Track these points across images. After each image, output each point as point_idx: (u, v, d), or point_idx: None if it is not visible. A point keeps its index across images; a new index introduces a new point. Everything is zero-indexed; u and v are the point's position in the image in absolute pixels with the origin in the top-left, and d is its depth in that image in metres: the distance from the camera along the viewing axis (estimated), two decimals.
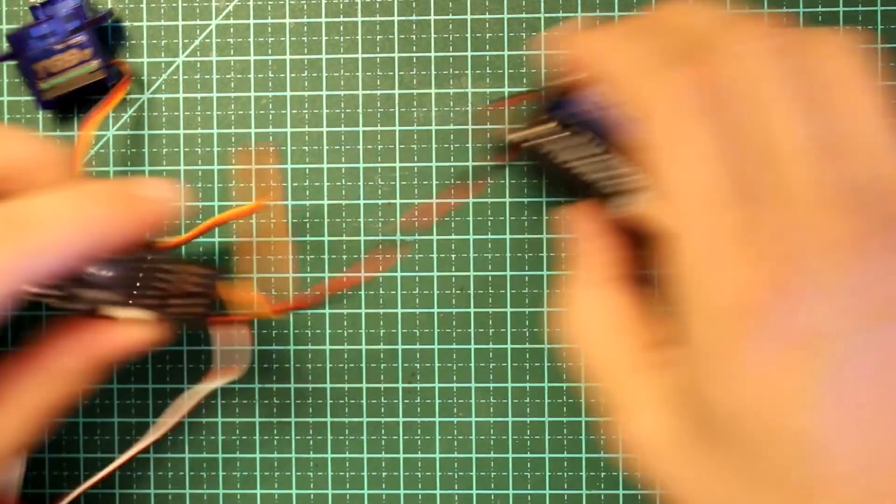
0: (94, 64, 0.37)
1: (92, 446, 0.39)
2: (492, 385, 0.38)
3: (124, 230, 0.31)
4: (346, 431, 0.39)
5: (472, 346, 0.38)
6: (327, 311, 0.38)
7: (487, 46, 0.39)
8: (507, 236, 0.39)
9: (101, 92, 0.38)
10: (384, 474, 0.38)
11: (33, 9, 0.38)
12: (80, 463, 0.39)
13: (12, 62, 0.38)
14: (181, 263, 0.33)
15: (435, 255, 0.39)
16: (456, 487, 0.38)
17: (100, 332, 0.32)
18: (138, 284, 0.32)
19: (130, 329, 0.32)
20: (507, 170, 0.39)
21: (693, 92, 0.25)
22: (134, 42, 0.39)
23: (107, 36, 0.39)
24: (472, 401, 0.38)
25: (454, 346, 0.38)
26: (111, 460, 0.38)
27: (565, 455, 0.38)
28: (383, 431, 0.38)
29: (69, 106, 0.39)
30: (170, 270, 0.32)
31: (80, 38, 0.37)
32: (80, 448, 0.39)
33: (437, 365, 0.38)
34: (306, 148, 0.39)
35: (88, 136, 0.37)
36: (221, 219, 0.36)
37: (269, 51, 0.39)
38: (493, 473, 0.38)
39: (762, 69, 0.25)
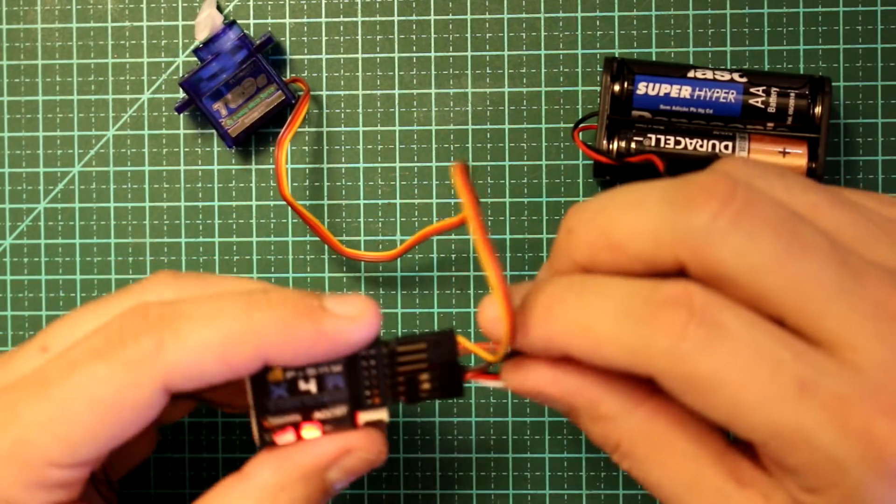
0: (272, 87, 0.37)
1: None
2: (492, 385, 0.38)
3: (300, 342, 0.28)
4: None
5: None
6: None
7: (487, 46, 0.39)
8: (507, 236, 0.39)
9: (278, 114, 0.38)
10: (384, 474, 0.38)
11: (197, 51, 0.37)
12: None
13: (189, 108, 0.38)
14: (405, 343, 0.30)
15: (435, 256, 0.39)
16: (456, 487, 0.38)
17: (308, 444, 0.29)
18: (366, 384, 0.29)
19: (337, 440, 0.29)
20: (506, 170, 0.39)
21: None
22: (134, 42, 0.39)
23: (268, 57, 0.39)
24: (473, 401, 0.38)
25: None
26: None
27: (565, 455, 0.38)
28: None
29: (251, 136, 0.39)
30: (399, 353, 0.29)
31: (251, 66, 0.37)
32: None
33: None
34: (306, 148, 0.39)
35: (284, 159, 0.37)
36: (429, 231, 0.36)
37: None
38: (493, 473, 0.38)
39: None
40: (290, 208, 0.38)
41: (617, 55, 0.38)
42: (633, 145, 0.36)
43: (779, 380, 0.24)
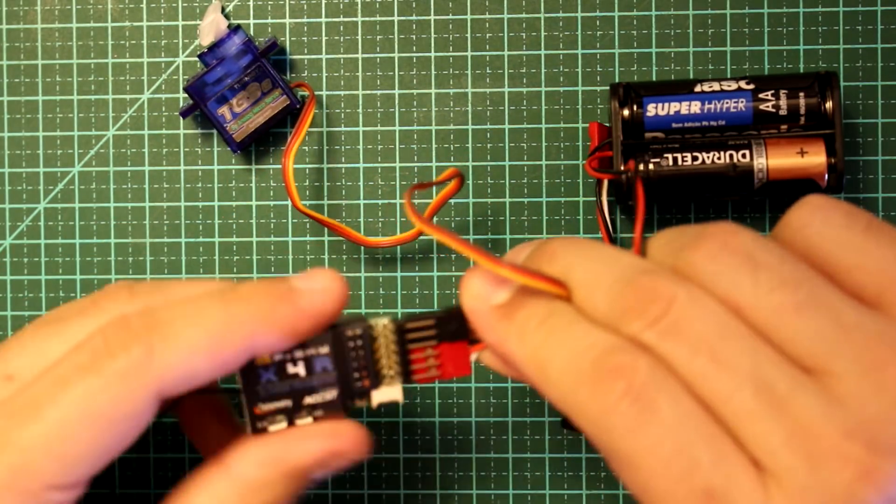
0: (277, 92, 0.37)
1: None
2: (492, 385, 0.38)
3: (283, 325, 0.28)
4: None
5: None
6: None
7: (487, 46, 0.39)
8: (507, 236, 0.39)
9: (282, 118, 0.38)
10: (384, 474, 0.38)
11: (202, 56, 0.37)
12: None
13: (194, 113, 0.38)
14: (413, 320, 0.30)
15: (435, 256, 0.39)
16: (456, 487, 0.38)
17: (296, 441, 0.29)
18: (354, 365, 0.30)
19: (324, 441, 0.29)
20: (506, 170, 0.39)
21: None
22: (134, 42, 0.39)
23: (273, 62, 0.39)
24: (473, 401, 0.38)
25: None
26: None
27: (565, 455, 0.38)
28: (383, 432, 0.38)
29: (256, 140, 0.39)
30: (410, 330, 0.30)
31: (256, 70, 0.37)
32: None
33: None
34: (306, 148, 0.39)
35: (292, 166, 0.36)
36: (438, 200, 0.36)
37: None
38: (493, 473, 0.38)
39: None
40: (293, 210, 0.38)
41: (617, 55, 0.38)
42: (650, 167, 0.35)
43: (689, 481, 0.24)
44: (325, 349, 0.29)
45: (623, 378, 0.25)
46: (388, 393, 0.30)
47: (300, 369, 0.29)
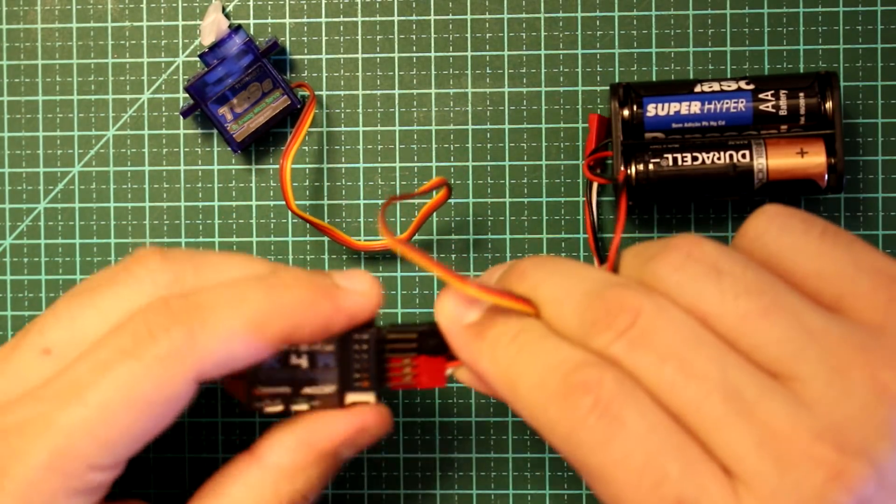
0: (277, 92, 0.37)
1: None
2: None
3: (320, 320, 0.29)
4: None
5: None
6: None
7: (487, 46, 0.39)
8: (507, 236, 0.39)
9: (282, 118, 0.38)
10: (384, 474, 0.38)
11: (203, 55, 0.37)
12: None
13: (195, 113, 0.38)
14: (398, 331, 0.31)
15: (435, 255, 0.39)
16: (456, 487, 0.38)
17: (322, 423, 0.30)
18: (356, 367, 0.30)
19: (351, 419, 0.30)
20: (506, 170, 0.39)
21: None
22: (134, 42, 0.39)
23: (273, 62, 0.39)
24: (472, 401, 0.38)
25: None
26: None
27: None
28: None
29: (257, 140, 0.39)
30: (392, 340, 0.30)
31: (257, 70, 0.37)
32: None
33: None
34: (306, 148, 0.39)
35: (289, 167, 0.37)
36: (426, 211, 0.37)
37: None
38: (493, 473, 0.38)
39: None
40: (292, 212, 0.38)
41: (617, 55, 0.38)
42: (650, 167, 0.35)
43: (660, 493, 0.24)
44: (330, 347, 0.30)
45: (590, 393, 0.25)
46: (363, 396, 0.31)
47: (303, 361, 0.30)
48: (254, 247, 0.39)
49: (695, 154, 0.35)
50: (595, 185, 0.37)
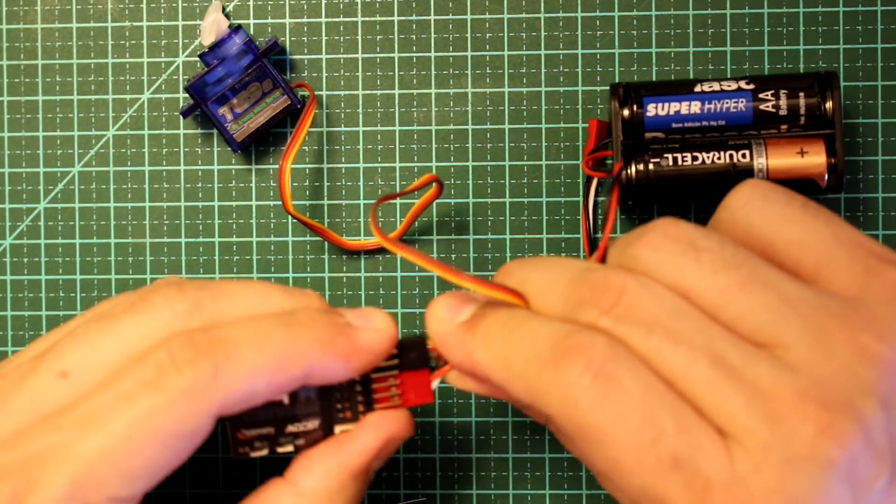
0: (278, 92, 0.37)
1: None
2: None
3: (338, 358, 0.29)
4: None
5: None
6: None
7: (487, 46, 0.39)
8: (507, 236, 0.39)
9: (282, 118, 0.38)
10: (385, 474, 0.38)
11: (203, 55, 0.37)
12: None
13: (195, 113, 0.38)
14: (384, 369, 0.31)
15: (435, 255, 0.39)
16: (456, 487, 0.38)
17: (352, 442, 0.30)
18: (338, 395, 0.30)
19: (381, 431, 0.30)
20: (506, 170, 0.39)
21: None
22: (134, 42, 0.39)
23: (273, 62, 0.39)
24: (472, 400, 0.38)
25: None
26: None
27: (565, 455, 0.38)
28: None
29: (257, 140, 0.39)
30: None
31: (257, 70, 0.37)
32: None
33: None
34: (306, 148, 0.39)
35: (288, 169, 0.37)
36: (417, 208, 0.37)
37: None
38: (493, 473, 0.38)
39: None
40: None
41: (617, 55, 0.38)
42: (650, 167, 0.35)
43: (656, 449, 0.25)
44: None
45: (582, 354, 0.26)
46: (352, 425, 0.31)
47: (284, 398, 0.30)
48: (254, 247, 0.39)
49: (695, 154, 0.35)
50: (594, 185, 0.37)
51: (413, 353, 0.30)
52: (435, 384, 0.31)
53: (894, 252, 0.27)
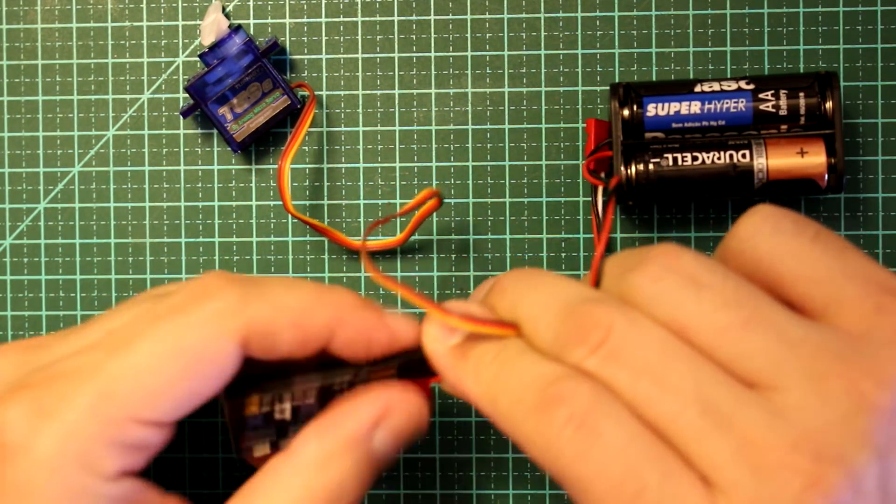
0: (278, 92, 0.37)
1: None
2: None
3: (364, 324, 0.30)
4: None
5: None
6: None
7: (487, 46, 0.39)
8: (507, 236, 0.39)
9: (282, 118, 0.38)
10: (384, 474, 0.38)
11: (203, 55, 0.37)
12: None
13: (195, 113, 0.39)
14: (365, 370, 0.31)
15: (435, 255, 0.39)
16: (456, 487, 0.38)
17: (347, 410, 0.30)
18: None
19: (377, 401, 0.30)
20: (506, 170, 0.39)
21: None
22: (134, 42, 0.39)
23: (273, 62, 0.39)
24: None
25: None
26: None
27: None
28: None
29: (257, 140, 0.39)
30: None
31: (257, 70, 0.37)
32: None
33: None
34: (306, 148, 0.39)
35: (288, 169, 0.37)
36: (422, 214, 0.37)
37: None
38: (492, 473, 0.38)
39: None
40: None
41: (617, 55, 0.38)
42: (650, 167, 0.35)
43: (639, 503, 0.24)
44: (310, 400, 0.30)
45: (564, 405, 0.25)
46: None
47: (287, 416, 0.30)
48: (254, 247, 0.39)
49: (695, 154, 0.35)
50: (600, 190, 0.37)
51: (412, 369, 0.31)
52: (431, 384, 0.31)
53: None
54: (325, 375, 0.30)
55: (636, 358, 0.25)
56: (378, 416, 0.30)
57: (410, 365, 0.30)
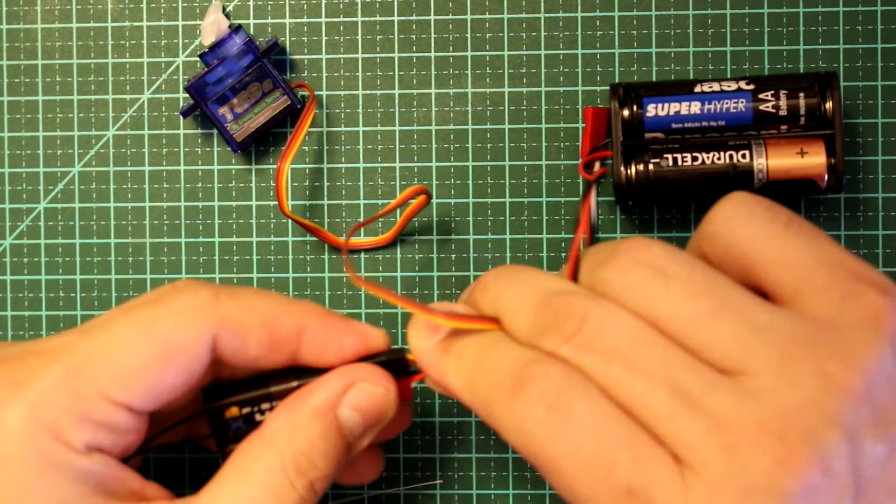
0: (278, 92, 0.37)
1: None
2: None
3: (331, 331, 0.31)
4: None
5: None
6: None
7: (487, 46, 0.39)
8: (507, 236, 0.39)
9: (282, 118, 0.38)
10: (384, 474, 0.38)
11: (203, 56, 0.37)
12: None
13: (195, 113, 0.39)
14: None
15: (435, 255, 0.39)
16: (456, 487, 0.38)
17: (314, 385, 0.31)
18: None
19: (343, 375, 0.31)
20: (506, 170, 0.39)
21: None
22: (134, 42, 0.39)
23: (273, 62, 0.39)
24: None
25: None
26: None
27: None
28: None
29: (257, 140, 0.39)
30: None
31: (257, 70, 0.37)
32: None
33: None
34: (306, 148, 0.39)
35: (287, 170, 0.37)
36: (411, 211, 0.38)
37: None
38: (493, 473, 0.38)
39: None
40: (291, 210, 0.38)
41: (617, 55, 0.38)
42: (650, 167, 0.35)
43: (610, 482, 0.25)
44: None
45: (537, 385, 0.26)
46: None
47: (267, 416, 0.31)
48: (254, 247, 0.39)
49: (695, 154, 0.35)
50: (594, 188, 0.37)
51: (388, 364, 0.32)
52: (413, 384, 0.32)
53: (879, 273, 0.27)
54: (302, 378, 0.31)
55: (609, 345, 0.26)
56: (342, 390, 0.31)
57: (386, 366, 0.31)
